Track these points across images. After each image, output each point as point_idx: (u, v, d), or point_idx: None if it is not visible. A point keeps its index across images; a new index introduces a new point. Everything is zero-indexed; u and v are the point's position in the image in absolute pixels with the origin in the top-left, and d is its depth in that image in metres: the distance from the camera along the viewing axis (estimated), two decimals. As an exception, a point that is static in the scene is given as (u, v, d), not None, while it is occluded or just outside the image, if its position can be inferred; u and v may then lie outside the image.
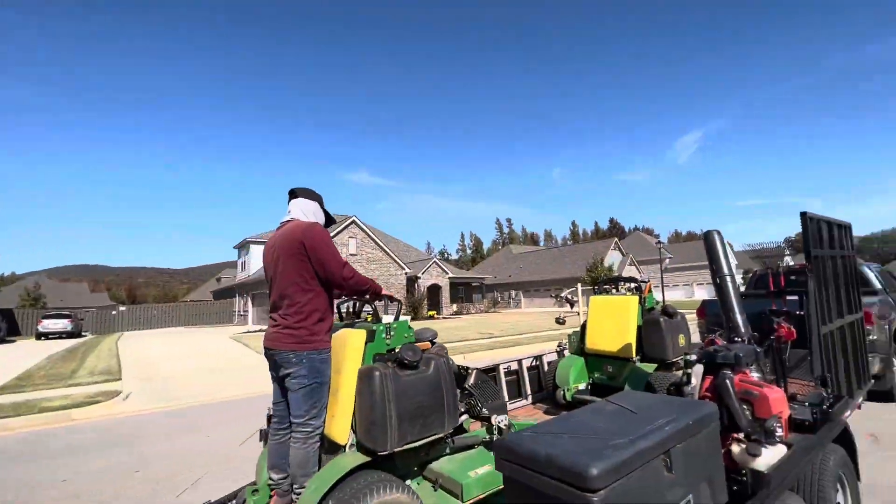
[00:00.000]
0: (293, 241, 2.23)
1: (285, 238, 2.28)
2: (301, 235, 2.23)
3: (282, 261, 2.25)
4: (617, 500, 1.26)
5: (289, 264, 2.23)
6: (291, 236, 2.25)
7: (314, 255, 2.22)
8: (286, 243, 2.25)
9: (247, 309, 33.08)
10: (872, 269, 7.27)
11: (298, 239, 2.22)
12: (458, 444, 2.57)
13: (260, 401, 7.41)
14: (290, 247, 2.23)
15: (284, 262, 2.24)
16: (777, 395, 1.96)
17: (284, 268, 2.24)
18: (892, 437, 4.54)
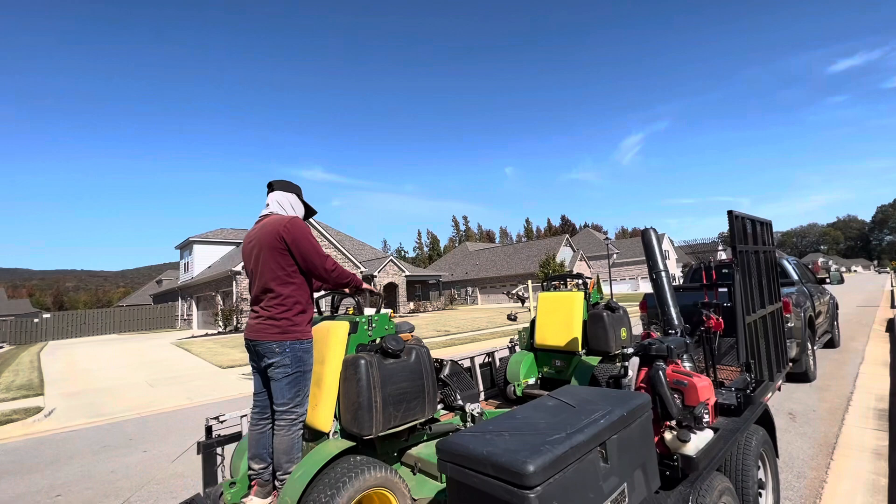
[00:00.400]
0: (273, 235, 2.26)
1: (266, 232, 2.30)
2: (281, 229, 2.26)
3: (263, 254, 2.28)
4: (554, 494, 1.29)
5: (269, 258, 2.27)
6: (272, 230, 2.28)
7: (295, 248, 2.26)
8: (267, 237, 2.28)
9: (191, 313, 31.24)
10: (791, 262, 7.98)
11: (279, 233, 2.26)
12: (435, 431, 2.66)
13: (203, 411, 7.01)
14: (271, 241, 2.26)
15: (265, 256, 2.28)
16: (704, 384, 2.09)
17: (265, 261, 2.28)
18: (806, 415, 5.01)
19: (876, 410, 5.02)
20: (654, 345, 2.22)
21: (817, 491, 3.33)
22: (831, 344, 8.72)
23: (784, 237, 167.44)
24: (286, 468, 2.19)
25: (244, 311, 23.74)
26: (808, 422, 4.80)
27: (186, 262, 32.68)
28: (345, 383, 2.28)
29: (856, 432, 4.42)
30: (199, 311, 30.49)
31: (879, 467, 3.66)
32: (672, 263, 55.46)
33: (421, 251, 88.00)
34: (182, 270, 34.07)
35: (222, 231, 34.77)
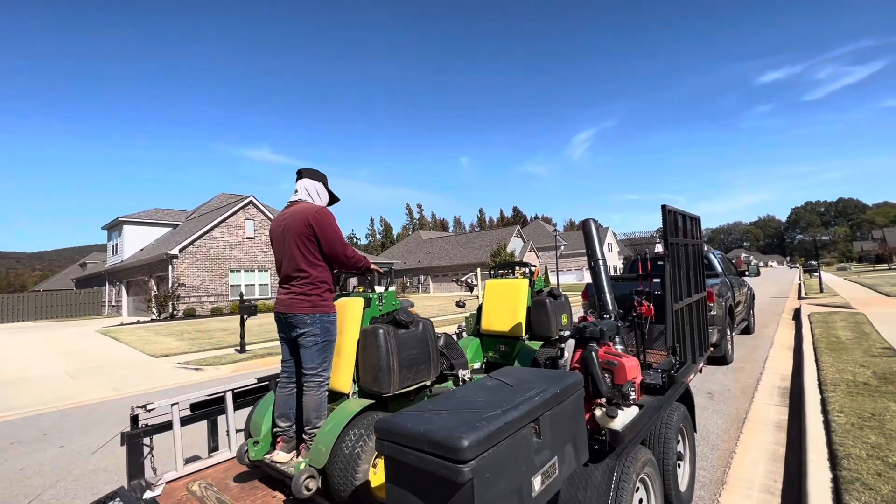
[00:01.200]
0: (303, 222, 2.54)
1: (296, 218, 2.57)
2: (311, 217, 2.54)
3: (293, 238, 2.56)
4: (487, 467, 1.33)
5: (299, 242, 2.55)
6: (302, 217, 2.55)
7: (322, 235, 2.55)
8: (297, 224, 2.55)
9: (120, 299, 28.97)
10: (716, 256, 8.68)
11: (308, 220, 2.53)
12: (435, 391, 3.00)
13: (132, 402, 6.56)
14: (300, 227, 2.54)
15: (296, 240, 2.55)
16: (632, 364, 2.24)
17: (296, 245, 2.56)
18: (722, 394, 5.51)
19: (780, 389, 5.63)
20: (588, 327, 2.34)
21: (727, 461, 3.68)
22: (747, 330, 9.62)
23: (713, 233, 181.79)
24: (315, 423, 2.49)
25: (181, 297, 22.34)
26: (724, 400, 5.28)
27: (115, 243, 30.11)
28: (365, 350, 2.62)
29: (762, 408, 4.92)
30: (130, 296, 28.33)
31: (780, 438, 4.11)
32: (615, 255, 58.55)
33: (373, 238, 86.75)
34: (110, 253, 31.38)
35: (157, 211, 32.34)
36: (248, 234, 25.74)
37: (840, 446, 3.37)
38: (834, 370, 5.53)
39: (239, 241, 25.27)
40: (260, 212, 26.50)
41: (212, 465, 2.98)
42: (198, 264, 23.41)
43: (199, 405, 3.06)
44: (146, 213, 31.27)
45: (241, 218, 25.55)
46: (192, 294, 23.02)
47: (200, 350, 10.98)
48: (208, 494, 2.54)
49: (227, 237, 24.76)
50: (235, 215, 25.33)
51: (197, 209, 32.53)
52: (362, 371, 2.64)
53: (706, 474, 3.47)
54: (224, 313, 23.16)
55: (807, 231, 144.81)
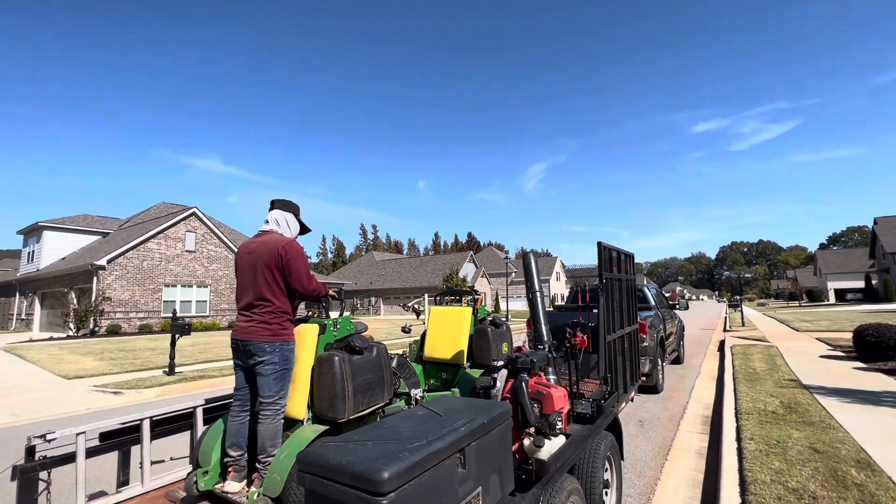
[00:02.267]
0: (272, 254, 2.60)
1: (267, 248, 2.63)
2: (280, 249, 2.61)
3: (260, 268, 2.61)
4: (407, 500, 1.34)
5: (267, 272, 2.60)
6: (272, 248, 2.61)
7: (290, 267, 2.61)
8: (267, 254, 2.61)
9: (31, 311, 26.08)
10: (651, 289, 9.27)
11: (279, 252, 2.60)
12: (388, 412, 3.03)
13: (33, 429, 5.86)
14: (270, 257, 2.60)
15: (263, 270, 2.60)
16: (560, 394, 2.34)
17: (262, 274, 2.60)
18: (651, 422, 5.81)
19: (703, 417, 6.02)
20: (520, 358, 2.43)
21: (652, 487, 3.87)
22: (677, 361, 10.25)
23: (653, 267, 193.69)
24: (270, 451, 2.49)
25: (105, 312, 20.50)
26: (653, 428, 5.57)
27: (32, 250, 27.28)
28: (320, 377, 2.65)
29: (686, 436, 5.23)
30: (44, 309, 25.59)
31: (700, 465, 4.38)
32: (562, 285, 60.68)
33: (325, 257, 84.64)
34: (25, 260, 28.33)
35: (86, 217, 29.81)
36: (189, 247, 24.28)
37: (749, 472, 3.65)
38: (749, 399, 6.01)
39: (177, 253, 23.75)
40: (203, 224, 25.15)
41: (120, 501, 2.73)
42: (128, 277, 21.67)
43: (111, 434, 2.81)
44: (72, 218, 28.70)
45: (181, 230, 24.10)
46: (119, 309, 21.19)
47: (122, 371, 10.07)
48: (112, 535, 2.32)
49: (164, 249, 23.20)
50: (176, 226, 23.87)
51: (132, 218, 30.32)
52: (317, 397, 2.67)
53: (632, 501, 3.62)
54: (154, 331, 21.44)
55: (732, 268, 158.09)
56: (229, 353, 12.81)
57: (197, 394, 7.99)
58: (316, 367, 2.69)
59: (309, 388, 2.69)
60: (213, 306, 25.00)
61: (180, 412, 3.10)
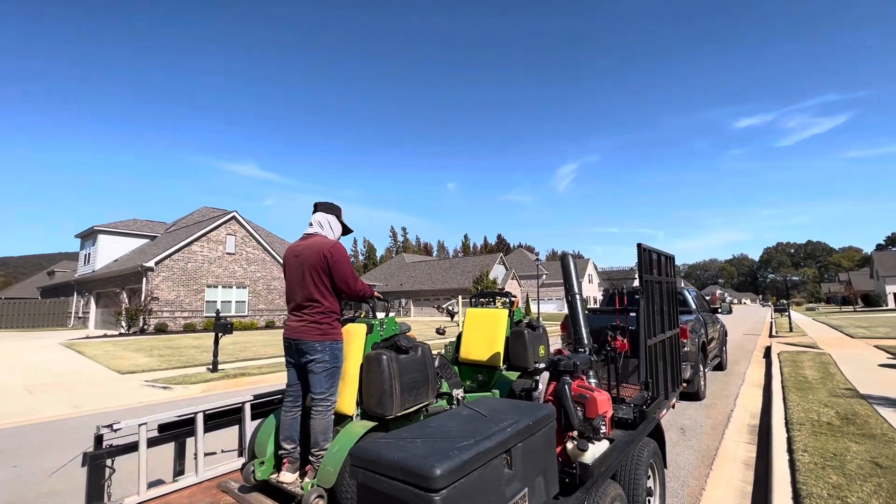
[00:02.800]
0: (318, 256, 2.70)
1: (312, 251, 2.73)
2: (326, 252, 2.71)
3: (308, 270, 2.71)
4: (458, 497, 1.36)
5: (315, 274, 2.71)
6: (318, 250, 2.72)
7: (335, 269, 2.71)
8: (313, 256, 2.71)
9: (88, 310, 27.86)
10: (691, 293, 8.94)
11: (324, 255, 2.70)
12: (430, 412, 3.08)
13: (92, 421, 6.28)
14: (316, 260, 2.70)
15: (311, 272, 2.71)
16: (603, 398, 2.30)
17: (310, 276, 2.71)
18: (694, 430, 5.60)
19: (749, 426, 5.75)
20: (562, 361, 2.41)
21: (696, 498, 3.73)
22: (720, 367, 9.83)
23: (690, 269, 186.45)
24: (322, 445, 2.60)
25: (153, 311, 21.66)
26: (696, 436, 5.36)
27: (88, 252, 29.17)
28: (369, 374, 2.74)
29: (732, 445, 5.02)
30: (99, 308, 27.29)
31: (748, 476, 4.19)
32: (595, 287, 59.36)
33: (356, 259, 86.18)
34: (82, 262, 30.34)
35: (135, 222, 31.62)
36: (229, 249, 25.33)
37: (803, 485, 3.46)
38: (800, 409, 5.69)
39: (218, 256, 24.82)
40: (242, 227, 26.18)
41: (176, 489, 2.88)
42: (174, 278, 22.82)
43: (168, 426, 2.98)
44: (123, 222, 30.53)
45: (222, 233, 25.18)
46: (166, 308, 22.34)
47: (170, 368, 10.61)
48: (171, 521, 2.46)
49: (206, 252, 24.30)
50: (217, 230, 24.96)
51: (177, 222, 31.93)
52: (366, 394, 2.76)
53: (676, 511, 3.50)
54: (197, 329, 22.47)
55: (778, 271, 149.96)
56: (267, 352, 13.32)
57: (239, 390, 8.32)
58: (364, 366, 2.78)
59: (358, 386, 2.78)
60: (251, 306, 25.95)
61: (230, 407, 3.25)
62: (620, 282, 8.47)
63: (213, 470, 3.09)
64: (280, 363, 11.14)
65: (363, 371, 2.78)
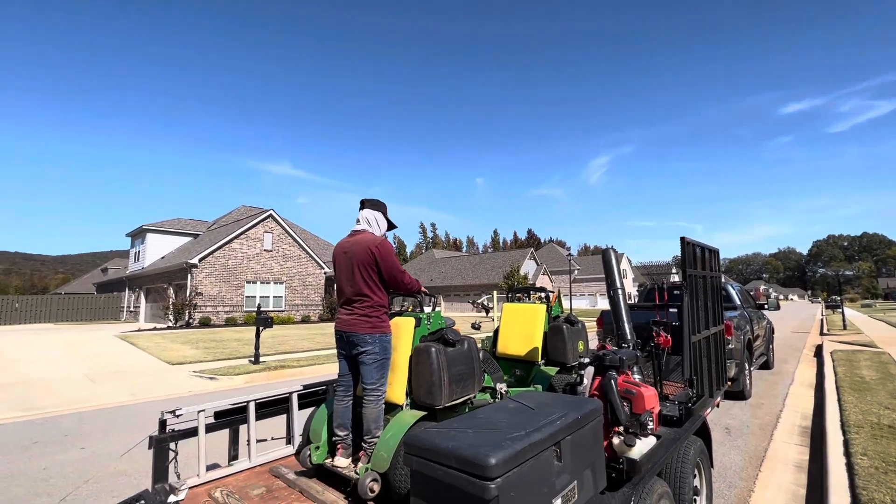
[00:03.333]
0: (366, 252, 2.80)
1: (360, 247, 2.83)
2: (373, 248, 2.80)
3: (357, 266, 2.81)
4: (512, 486, 1.39)
5: (363, 269, 2.80)
6: (366, 247, 2.81)
7: (383, 265, 2.81)
8: (361, 252, 2.81)
9: (138, 305, 29.57)
10: (735, 288, 8.58)
11: (371, 251, 2.79)
12: (475, 404, 3.14)
13: (148, 408, 6.69)
14: (364, 256, 2.80)
15: (360, 267, 2.81)
16: (650, 394, 2.27)
17: (359, 271, 2.81)
18: (740, 430, 5.40)
19: (800, 427, 5.48)
20: (608, 356, 2.38)
21: (745, 499, 3.61)
22: (766, 365, 9.40)
23: (731, 264, 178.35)
24: (374, 432, 2.71)
25: (198, 306, 22.74)
26: (742, 436, 5.17)
27: (137, 250, 30.94)
28: (418, 366, 2.83)
29: (782, 447, 4.81)
30: (148, 303, 28.90)
31: (800, 479, 4.01)
32: (629, 282, 57.82)
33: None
34: (132, 259, 32.22)
35: (180, 221, 33.21)
36: (266, 246, 26.23)
37: (863, 490, 3.29)
38: (857, 411, 5.39)
39: (257, 252, 25.76)
40: (279, 225, 27.04)
41: (232, 473, 3.05)
42: (216, 274, 23.87)
43: (224, 413, 3.15)
44: (169, 221, 32.14)
45: (260, 230, 26.09)
46: (209, 303, 23.41)
47: (215, 359, 11.14)
48: (229, 502, 2.60)
49: (245, 249, 25.27)
50: (255, 228, 25.89)
51: (217, 220, 33.34)
52: (415, 385, 2.86)
53: (723, 512, 3.41)
54: (238, 323, 23.44)
55: (829, 265, 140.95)
56: (305, 346, 13.74)
57: (280, 382, 8.65)
58: (414, 357, 2.88)
59: (407, 377, 2.88)
60: (287, 301, 26.82)
61: (279, 397, 3.39)
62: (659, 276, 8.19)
63: (265, 456, 3.25)
64: (317, 356, 11.49)
65: (412, 362, 2.88)
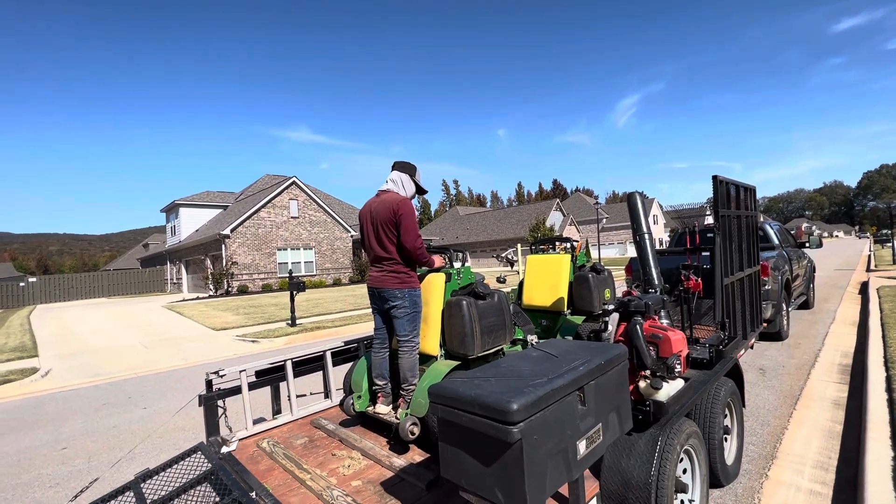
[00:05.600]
0: (389, 211, 2.86)
1: (384, 206, 2.89)
2: (394, 206, 2.85)
3: (381, 225, 2.89)
4: (535, 429, 1.42)
5: (386, 228, 2.88)
6: (389, 206, 2.87)
7: (402, 223, 2.84)
8: (384, 211, 2.87)
9: (180, 276, 31.14)
10: (773, 227, 8.18)
11: (393, 209, 2.85)
12: (507, 354, 3.22)
13: (198, 370, 7.18)
14: (386, 215, 2.86)
15: (383, 226, 2.88)
16: (678, 337, 2.24)
17: (384, 230, 2.89)
18: (775, 370, 5.32)
19: (840, 366, 5.35)
20: (633, 301, 2.34)
21: (778, 437, 3.61)
22: (806, 305, 9.10)
23: (771, 202, 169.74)
24: (411, 380, 2.89)
25: (235, 274, 23.74)
26: (777, 376, 5.11)
27: (173, 225, 32.19)
28: (451, 318, 2.95)
29: (819, 385, 4.73)
30: (189, 274, 30.38)
31: (837, 416, 3.96)
32: (660, 228, 56.14)
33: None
34: (169, 234, 33.63)
35: (209, 193, 34.08)
36: (293, 213, 26.72)
37: (904, 425, 3.22)
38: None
39: (284, 220, 26.32)
40: (303, 192, 27.36)
41: (276, 425, 3.27)
42: (248, 244, 24.68)
43: (263, 372, 3.34)
44: (199, 195, 33.04)
45: (285, 198, 26.51)
46: (244, 272, 24.40)
47: (255, 324, 11.74)
48: (276, 451, 2.81)
49: (273, 217, 25.85)
50: (280, 196, 26.31)
51: (244, 191, 34.02)
52: (449, 337, 3.00)
53: (755, 449, 3.43)
54: (273, 289, 24.43)
55: (881, 197, 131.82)
56: (337, 307, 14.24)
57: (317, 341, 9.07)
58: (446, 311, 3.01)
59: (440, 329, 3.03)
60: (318, 266, 27.60)
61: (314, 355, 3.56)
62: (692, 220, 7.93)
63: (305, 409, 3.46)
64: (349, 317, 11.91)
65: (445, 315, 3.01)
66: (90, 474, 3.69)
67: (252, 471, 2.56)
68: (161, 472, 2.68)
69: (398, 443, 2.80)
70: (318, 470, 2.53)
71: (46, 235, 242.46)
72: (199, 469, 2.66)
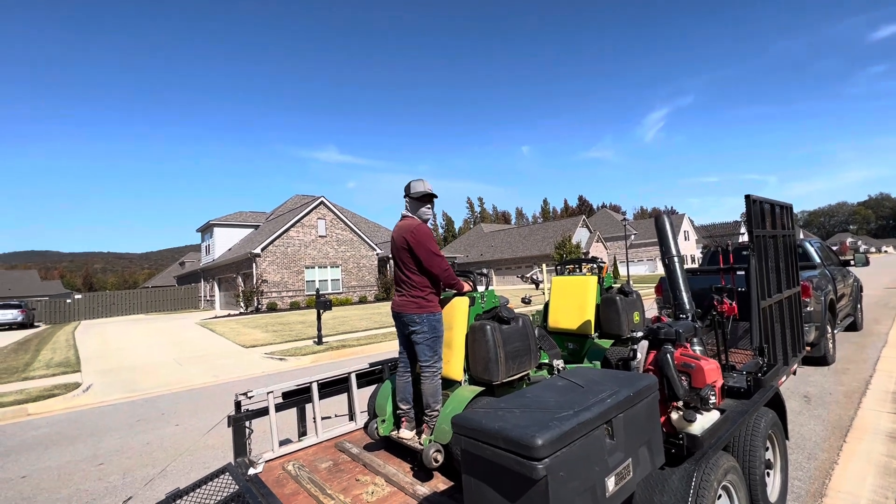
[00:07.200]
0: (402, 238, 2.94)
1: (400, 233, 2.99)
2: (407, 235, 2.92)
3: (398, 251, 2.99)
4: (561, 466, 1.38)
5: (402, 254, 2.97)
6: (402, 233, 2.96)
7: (418, 250, 2.89)
8: (399, 239, 2.97)
9: (213, 294, 32.17)
10: (813, 244, 7.80)
11: (405, 238, 2.92)
12: (532, 380, 3.24)
13: (228, 388, 7.35)
14: (402, 242, 2.95)
15: (401, 252, 2.97)
16: (711, 367, 2.14)
17: (401, 256, 2.98)
18: (821, 398, 5.00)
19: (894, 394, 4.98)
20: (662, 329, 2.27)
21: (827, 472, 3.37)
22: (853, 327, 8.57)
23: (811, 216, 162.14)
24: (434, 406, 2.87)
25: (264, 292, 24.35)
26: (824, 404, 4.80)
27: (208, 244, 33.48)
28: (475, 343, 2.92)
29: (872, 415, 4.41)
30: (222, 291, 31.37)
31: (893, 450, 3.67)
32: (692, 245, 54.40)
33: (436, 233, 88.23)
34: (203, 253, 34.96)
35: (241, 214, 35.38)
36: (321, 232, 27.36)
37: (971, 463, 2.95)
38: (966, 375, 4.79)
39: (312, 239, 26.97)
40: (330, 211, 28.03)
41: (302, 448, 3.29)
42: (277, 262, 25.36)
43: (290, 394, 3.39)
44: (232, 215, 34.34)
45: (313, 218, 27.21)
46: (274, 290, 25.01)
47: (283, 342, 11.96)
48: (301, 474, 2.83)
49: (301, 236, 26.53)
50: (308, 215, 27.03)
51: (274, 211, 35.16)
52: (472, 362, 2.96)
53: (801, 485, 3.21)
54: (301, 307, 24.89)
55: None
56: (363, 325, 14.35)
57: (343, 360, 9.14)
58: (470, 335, 2.97)
59: (464, 354, 2.99)
60: (344, 284, 28.02)
61: (339, 377, 3.59)
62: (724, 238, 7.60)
63: (330, 432, 3.47)
64: (374, 335, 11.98)
65: (469, 340, 2.97)
66: (124, 491, 3.80)
67: (278, 494, 2.58)
68: (190, 492, 2.73)
69: (422, 469, 2.76)
70: (342, 496, 2.53)
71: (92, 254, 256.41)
72: (226, 490, 2.69)
